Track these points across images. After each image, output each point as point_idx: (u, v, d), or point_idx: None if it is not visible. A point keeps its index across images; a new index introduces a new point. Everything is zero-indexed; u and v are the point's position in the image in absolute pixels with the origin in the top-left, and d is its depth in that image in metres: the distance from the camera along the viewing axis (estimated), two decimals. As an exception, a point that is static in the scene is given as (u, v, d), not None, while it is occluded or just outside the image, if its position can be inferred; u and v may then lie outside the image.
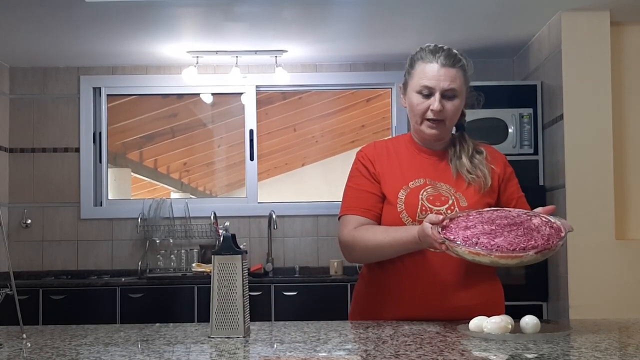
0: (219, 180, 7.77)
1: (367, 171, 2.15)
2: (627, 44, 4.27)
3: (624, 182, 4.18)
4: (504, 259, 1.73)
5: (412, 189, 2.09)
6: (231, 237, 1.82)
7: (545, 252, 1.74)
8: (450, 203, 2.06)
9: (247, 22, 4.43)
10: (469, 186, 2.10)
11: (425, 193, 2.08)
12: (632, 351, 1.59)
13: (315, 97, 6.66)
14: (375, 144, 2.23)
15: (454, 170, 2.12)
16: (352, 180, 2.19)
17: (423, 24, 4.47)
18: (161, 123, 6.54)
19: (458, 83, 2.09)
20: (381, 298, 2.11)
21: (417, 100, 2.09)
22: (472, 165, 2.12)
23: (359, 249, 2.08)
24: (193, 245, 5.23)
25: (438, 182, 2.11)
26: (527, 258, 1.73)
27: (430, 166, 2.14)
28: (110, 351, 1.64)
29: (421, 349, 1.56)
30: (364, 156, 2.18)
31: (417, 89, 2.08)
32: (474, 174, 2.11)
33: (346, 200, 2.17)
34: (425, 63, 2.09)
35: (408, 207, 2.06)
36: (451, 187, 2.10)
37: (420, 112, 2.09)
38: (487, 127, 4.51)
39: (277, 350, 1.67)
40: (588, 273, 4.01)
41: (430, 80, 2.06)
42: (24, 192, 5.30)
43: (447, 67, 2.08)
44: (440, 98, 2.06)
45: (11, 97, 5.34)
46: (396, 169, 2.14)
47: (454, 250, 1.78)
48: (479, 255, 1.74)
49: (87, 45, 4.83)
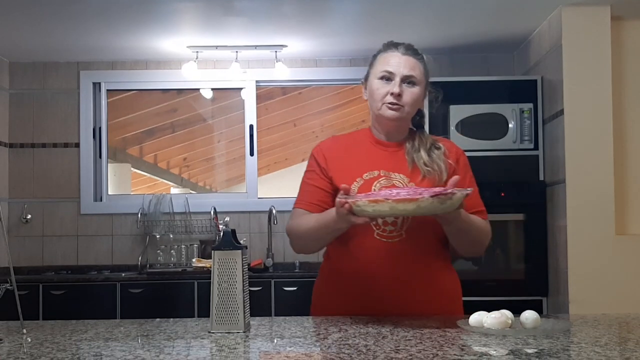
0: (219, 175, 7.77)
1: (318, 167, 2.21)
2: (627, 38, 4.26)
3: (624, 177, 4.18)
4: (401, 202, 1.74)
5: (365, 180, 2.12)
6: (231, 232, 1.82)
7: (441, 197, 1.76)
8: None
9: (247, 16, 4.42)
10: (423, 179, 2.12)
11: (379, 184, 2.11)
12: (632, 346, 1.59)
13: (315, 92, 6.65)
14: (333, 139, 2.30)
15: (409, 162, 2.15)
16: (305, 174, 2.26)
17: (423, 19, 4.46)
18: (161, 118, 6.53)
19: (418, 72, 2.14)
20: (338, 294, 2.14)
21: (378, 85, 2.14)
22: (429, 158, 2.15)
23: (295, 237, 2.20)
24: (193, 240, 5.23)
25: (393, 173, 2.13)
26: (424, 202, 1.74)
27: (386, 158, 2.17)
28: (110, 346, 1.65)
29: (421, 344, 1.56)
30: (318, 151, 2.24)
31: (378, 75, 2.14)
32: (430, 167, 2.13)
33: (298, 194, 2.25)
34: (386, 52, 2.17)
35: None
36: (405, 177, 2.13)
37: (380, 96, 2.13)
38: (487, 122, 4.51)
39: (277, 346, 1.67)
40: (588, 268, 4.01)
41: (391, 66, 2.12)
42: (24, 188, 5.30)
43: (408, 55, 2.14)
44: (400, 83, 2.11)
45: (11, 92, 5.34)
46: (351, 162, 2.17)
47: (356, 206, 1.80)
48: (378, 203, 1.76)
49: (87, 40, 4.82)
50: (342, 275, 2.14)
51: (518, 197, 4.42)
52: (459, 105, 4.50)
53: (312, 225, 2.10)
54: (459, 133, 4.48)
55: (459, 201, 1.82)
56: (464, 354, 1.47)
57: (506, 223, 4.45)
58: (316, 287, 2.28)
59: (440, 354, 1.46)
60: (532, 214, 4.41)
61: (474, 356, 1.46)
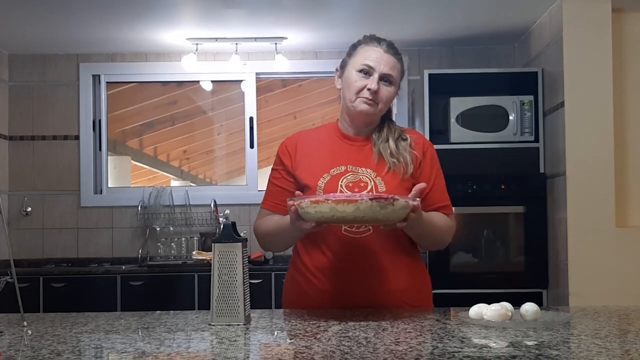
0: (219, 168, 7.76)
1: (282, 166, 2.21)
2: (628, 30, 4.25)
3: (625, 170, 4.17)
4: (340, 203, 1.73)
5: (332, 176, 2.11)
6: (231, 224, 1.82)
7: (380, 201, 1.74)
8: (369, 188, 2.08)
9: (246, 9, 4.41)
10: (389, 171, 2.11)
11: (345, 180, 2.10)
12: (632, 338, 1.60)
13: (315, 84, 6.64)
14: (300, 134, 2.29)
15: (376, 153, 2.14)
16: (271, 173, 2.27)
17: (424, 10, 4.45)
18: (161, 110, 6.52)
19: (396, 72, 2.14)
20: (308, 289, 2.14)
21: (356, 78, 2.12)
22: (396, 149, 2.14)
23: (259, 237, 2.24)
24: (193, 233, 5.23)
25: (359, 168, 2.13)
26: (363, 205, 1.73)
27: (353, 152, 2.16)
28: (111, 339, 1.65)
29: (421, 336, 1.57)
30: (283, 149, 2.24)
31: (358, 68, 2.12)
32: (395, 157, 2.12)
33: (265, 193, 2.27)
34: (369, 46, 2.16)
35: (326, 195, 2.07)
36: (372, 171, 2.12)
37: (356, 89, 2.11)
38: (488, 115, 4.51)
39: (277, 338, 1.67)
40: (588, 260, 4.01)
41: (372, 61, 2.11)
42: (24, 180, 5.30)
43: (390, 54, 2.14)
44: (378, 80, 2.10)
45: (10, 84, 5.33)
46: (318, 157, 2.17)
47: (301, 207, 1.81)
48: (319, 204, 1.75)
49: (86, 32, 4.81)
50: (310, 270, 2.14)
51: (518, 189, 4.42)
52: (459, 98, 4.49)
53: (272, 228, 2.14)
54: (459, 125, 4.47)
55: (402, 208, 1.79)
56: (464, 346, 1.47)
57: (506, 215, 4.45)
58: (286, 282, 2.29)
59: (440, 346, 1.46)
60: (532, 207, 4.41)
61: (474, 348, 1.46)
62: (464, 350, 1.43)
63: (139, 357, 1.43)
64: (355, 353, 1.42)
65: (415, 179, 2.12)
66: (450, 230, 2.18)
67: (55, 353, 1.45)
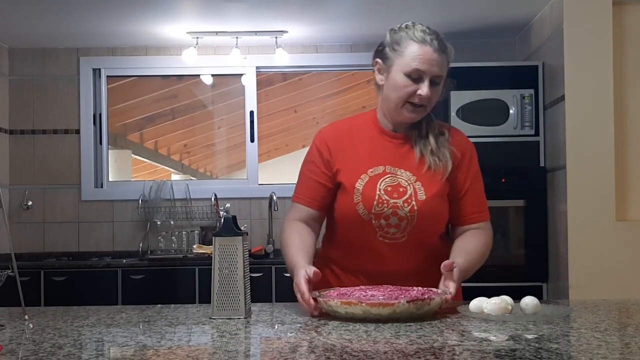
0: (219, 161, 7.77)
1: (321, 158, 2.10)
2: (629, 24, 4.24)
3: (625, 163, 4.17)
4: (375, 307, 1.66)
5: (370, 177, 2.03)
6: (232, 218, 1.82)
7: (418, 303, 1.67)
8: (407, 195, 2.01)
9: (247, 2, 4.40)
10: (428, 171, 2.03)
11: (384, 183, 2.02)
12: (632, 332, 1.60)
13: (315, 78, 6.64)
14: (335, 124, 2.18)
15: (417, 152, 2.05)
16: (306, 165, 2.15)
17: (424, 4, 4.45)
18: (161, 104, 6.53)
19: (445, 71, 2.02)
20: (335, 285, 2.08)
21: (405, 82, 1.98)
22: (437, 145, 2.05)
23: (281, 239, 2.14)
24: (194, 226, 5.24)
25: (398, 169, 2.04)
26: (399, 308, 1.66)
27: (392, 150, 2.07)
28: (112, 332, 1.65)
29: (421, 329, 1.57)
30: (321, 141, 2.12)
31: (406, 71, 1.98)
32: (436, 155, 2.04)
33: (297, 186, 2.17)
34: (419, 44, 1.98)
35: (365, 200, 2.02)
36: (412, 174, 2.04)
37: (405, 95, 1.99)
38: (488, 108, 4.50)
39: (278, 331, 1.67)
40: (588, 254, 4.01)
41: (424, 64, 1.97)
42: (24, 174, 5.30)
43: (439, 53, 1.99)
44: (429, 84, 1.98)
45: (10, 78, 5.33)
46: (355, 154, 2.08)
47: (328, 305, 1.73)
48: (351, 305, 1.67)
49: (86, 26, 4.81)
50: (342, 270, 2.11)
51: (518, 183, 4.42)
52: (459, 91, 4.49)
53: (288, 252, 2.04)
54: (459, 119, 4.47)
55: (437, 306, 1.74)
56: (464, 340, 1.47)
57: (506, 209, 4.46)
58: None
59: (440, 339, 1.46)
60: (533, 200, 4.41)
61: (474, 342, 1.46)
62: (464, 343, 1.43)
63: (140, 351, 1.44)
64: (355, 346, 1.42)
65: (450, 181, 2.06)
66: (488, 246, 2.10)
67: (56, 346, 1.45)
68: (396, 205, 2.00)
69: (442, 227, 2.11)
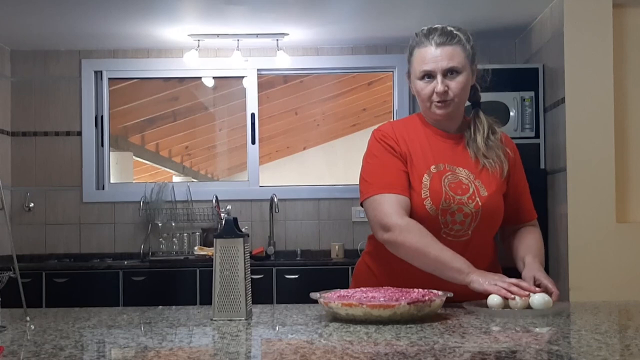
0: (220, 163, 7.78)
1: (393, 150, 2.06)
2: (629, 26, 4.24)
3: (625, 165, 4.17)
4: (376, 308, 1.65)
5: (434, 174, 2.03)
6: (233, 220, 1.82)
7: (418, 304, 1.67)
8: (470, 192, 2.03)
9: (248, 5, 4.41)
10: (484, 170, 2.06)
11: (447, 180, 2.03)
12: (632, 333, 1.60)
13: (316, 80, 6.65)
14: (393, 124, 2.15)
15: (472, 153, 2.07)
16: (376, 159, 2.07)
17: (425, 6, 4.45)
18: (163, 106, 6.54)
19: (458, 59, 2.02)
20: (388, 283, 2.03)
21: (421, 86, 2.04)
22: (486, 147, 2.07)
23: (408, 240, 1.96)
24: (195, 228, 5.24)
25: (457, 168, 2.06)
26: (400, 309, 1.65)
27: (448, 150, 2.08)
28: (113, 333, 1.66)
29: (422, 331, 1.57)
30: (386, 135, 2.08)
31: (418, 76, 2.04)
32: (489, 157, 2.06)
33: (376, 179, 2.03)
34: (421, 48, 2.03)
35: (433, 194, 2.01)
36: (470, 172, 2.06)
37: (426, 97, 2.03)
38: (489, 111, 4.42)
39: (279, 333, 1.68)
40: (588, 255, 4.01)
41: (428, 64, 2.01)
42: (26, 176, 5.31)
43: (443, 45, 2.01)
44: (443, 79, 2.00)
45: (12, 80, 5.34)
46: (417, 150, 2.06)
47: (329, 307, 1.73)
48: (352, 307, 1.67)
49: (88, 28, 4.82)
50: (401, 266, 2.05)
51: (519, 185, 4.41)
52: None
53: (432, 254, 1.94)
54: (460, 121, 4.47)
55: (438, 307, 1.74)
56: (464, 341, 1.47)
57: (507, 211, 4.45)
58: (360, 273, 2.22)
59: (441, 341, 1.47)
60: (533, 202, 4.40)
61: (475, 343, 1.47)
62: (464, 345, 1.44)
63: (141, 352, 1.44)
64: (356, 348, 1.42)
65: (507, 180, 2.10)
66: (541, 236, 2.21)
67: (58, 348, 1.45)
68: (461, 202, 2.02)
69: (499, 224, 2.13)
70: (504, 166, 2.08)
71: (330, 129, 8.54)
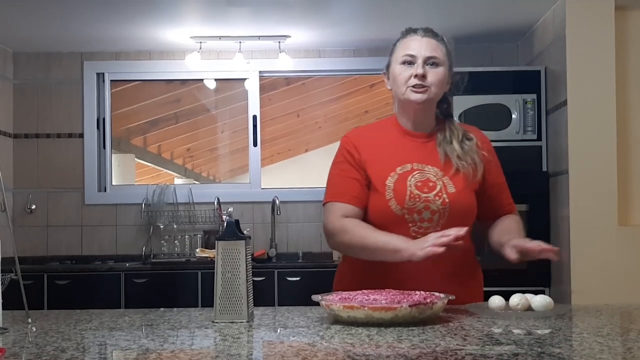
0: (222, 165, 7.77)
1: (351, 158, 2.12)
2: (631, 28, 4.24)
3: (627, 168, 4.17)
4: (377, 311, 1.65)
5: (400, 175, 2.07)
6: (235, 222, 1.82)
7: (420, 307, 1.67)
8: (438, 189, 2.05)
9: (250, 7, 4.42)
10: (457, 172, 2.08)
11: (413, 179, 2.06)
12: (634, 336, 1.60)
13: (318, 82, 6.64)
14: (360, 130, 2.23)
15: (442, 154, 2.10)
16: (336, 166, 2.16)
17: (426, 8, 4.45)
18: (165, 109, 6.54)
19: (440, 53, 2.09)
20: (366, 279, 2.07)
21: (400, 70, 2.08)
22: (462, 151, 2.10)
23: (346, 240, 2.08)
24: (197, 230, 5.24)
25: (426, 166, 2.08)
26: (402, 312, 1.65)
27: (417, 149, 2.12)
28: (115, 335, 1.66)
29: (424, 333, 1.57)
30: (349, 142, 2.15)
31: (400, 61, 2.09)
32: (464, 160, 2.09)
33: (331, 187, 2.15)
34: (406, 38, 2.12)
35: (397, 195, 2.04)
36: (439, 170, 2.08)
37: (403, 80, 2.07)
38: (491, 113, 4.51)
39: (280, 335, 1.68)
40: (590, 258, 4.01)
41: (412, 49, 2.07)
42: (28, 178, 5.31)
43: (428, 37, 2.09)
44: (423, 64, 2.06)
45: (15, 82, 5.34)
46: (382, 154, 2.11)
47: (331, 309, 1.73)
48: (354, 309, 1.67)
49: (90, 30, 4.82)
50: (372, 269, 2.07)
51: (521, 187, 4.35)
52: (462, 96, 4.47)
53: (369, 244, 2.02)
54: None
55: (440, 310, 1.75)
56: (466, 344, 1.47)
57: (509, 213, 4.45)
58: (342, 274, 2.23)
59: (442, 343, 1.47)
60: (535, 205, 4.41)
61: (476, 346, 1.47)
62: (466, 348, 1.44)
63: (143, 354, 1.44)
64: (357, 350, 1.42)
65: (482, 180, 2.12)
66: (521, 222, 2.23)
67: (59, 350, 1.45)
68: (428, 199, 2.04)
69: (472, 221, 2.12)
70: (478, 171, 2.10)
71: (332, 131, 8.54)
